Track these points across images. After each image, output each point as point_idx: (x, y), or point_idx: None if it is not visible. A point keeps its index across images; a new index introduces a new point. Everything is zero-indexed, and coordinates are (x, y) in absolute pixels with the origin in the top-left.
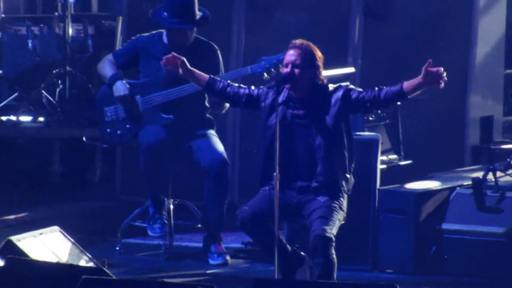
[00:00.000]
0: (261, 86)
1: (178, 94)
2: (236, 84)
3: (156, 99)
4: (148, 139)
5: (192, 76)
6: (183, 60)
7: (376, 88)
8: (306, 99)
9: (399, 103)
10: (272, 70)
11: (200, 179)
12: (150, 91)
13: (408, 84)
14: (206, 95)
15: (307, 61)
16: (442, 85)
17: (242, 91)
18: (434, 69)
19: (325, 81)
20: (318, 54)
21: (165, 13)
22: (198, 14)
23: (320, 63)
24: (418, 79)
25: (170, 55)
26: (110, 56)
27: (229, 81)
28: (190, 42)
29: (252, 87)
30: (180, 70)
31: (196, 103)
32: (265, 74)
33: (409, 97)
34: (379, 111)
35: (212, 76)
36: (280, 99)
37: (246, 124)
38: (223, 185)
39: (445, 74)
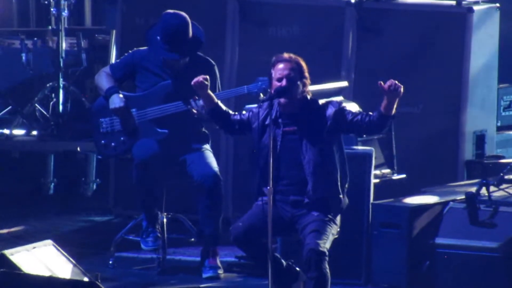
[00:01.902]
0: (248, 106)
1: (173, 110)
2: (232, 112)
3: (152, 113)
4: (142, 153)
5: (206, 96)
6: (208, 81)
7: (370, 113)
8: (296, 115)
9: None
10: (269, 90)
11: (194, 193)
12: (146, 105)
13: (383, 106)
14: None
15: (298, 73)
16: (401, 91)
17: (235, 118)
18: (386, 85)
19: (310, 93)
20: (305, 65)
21: (158, 37)
22: (192, 36)
23: (307, 74)
24: (384, 99)
25: (199, 80)
26: (107, 68)
27: (230, 110)
28: (184, 64)
29: (244, 112)
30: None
31: (192, 117)
32: (261, 95)
33: (392, 114)
34: None
35: (219, 103)
36: (270, 118)
37: (240, 138)
38: (217, 201)
39: (396, 82)
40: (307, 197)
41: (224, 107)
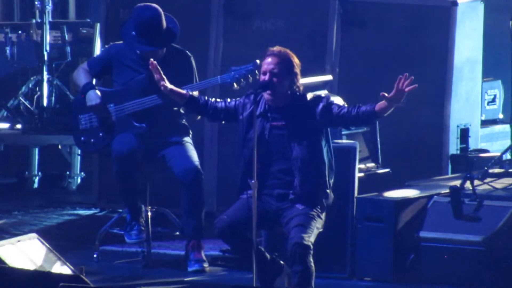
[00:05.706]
0: (238, 98)
1: (151, 103)
2: (213, 99)
3: (129, 108)
4: (120, 147)
5: (172, 93)
6: (163, 78)
7: (357, 105)
8: (284, 109)
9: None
10: (242, 80)
11: (178, 186)
12: (124, 100)
13: (379, 107)
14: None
15: (285, 69)
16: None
17: (219, 105)
18: (400, 81)
19: (301, 88)
20: (296, 61)
21: (133, 32)
22: (167, 27)
23: (297, 70)
24: (384, 103)
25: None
26: (84, 65)
27: (207, 97)
28: (160, 56)
29: (228, 100)
30: (162, 87)
31: (171, 110)
32: (235, 84)
33: (384, 115)
34: None
35: (191, 93)
36: (258, 110)
37: (224, 131)
38: (198, 194)
39: (405, 86)
40: (294, 192)
41: (197, 95)
